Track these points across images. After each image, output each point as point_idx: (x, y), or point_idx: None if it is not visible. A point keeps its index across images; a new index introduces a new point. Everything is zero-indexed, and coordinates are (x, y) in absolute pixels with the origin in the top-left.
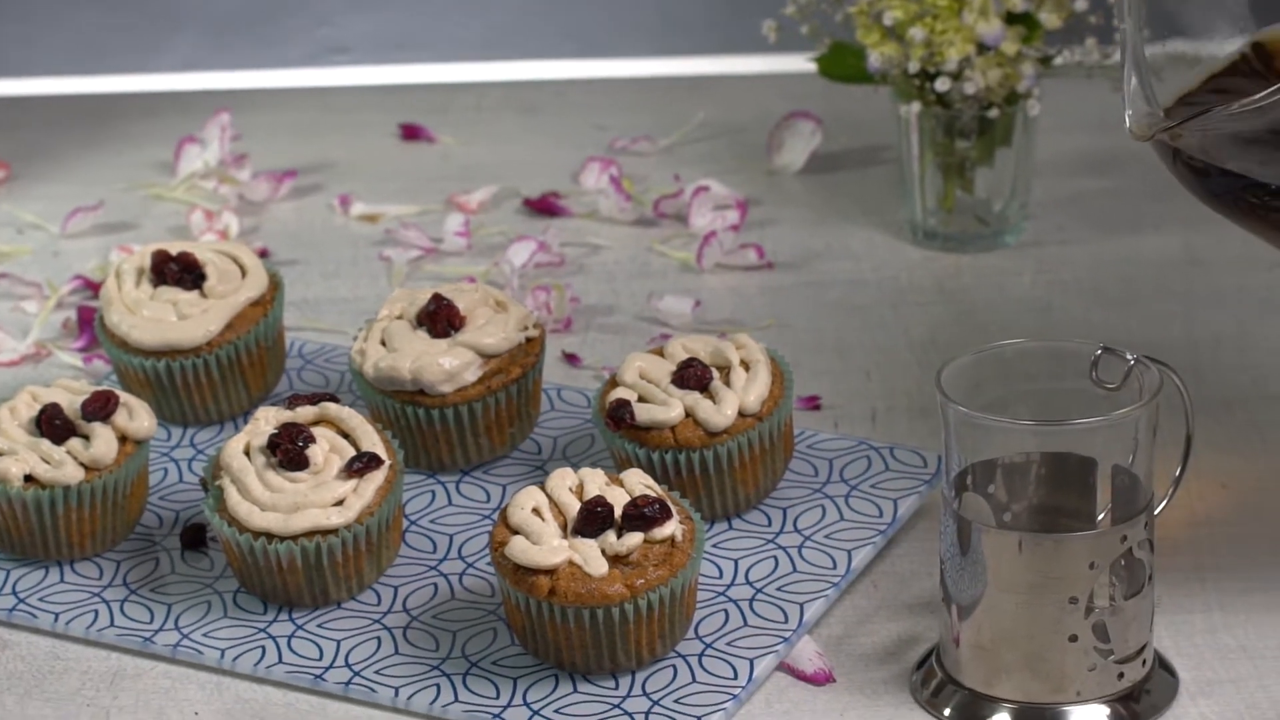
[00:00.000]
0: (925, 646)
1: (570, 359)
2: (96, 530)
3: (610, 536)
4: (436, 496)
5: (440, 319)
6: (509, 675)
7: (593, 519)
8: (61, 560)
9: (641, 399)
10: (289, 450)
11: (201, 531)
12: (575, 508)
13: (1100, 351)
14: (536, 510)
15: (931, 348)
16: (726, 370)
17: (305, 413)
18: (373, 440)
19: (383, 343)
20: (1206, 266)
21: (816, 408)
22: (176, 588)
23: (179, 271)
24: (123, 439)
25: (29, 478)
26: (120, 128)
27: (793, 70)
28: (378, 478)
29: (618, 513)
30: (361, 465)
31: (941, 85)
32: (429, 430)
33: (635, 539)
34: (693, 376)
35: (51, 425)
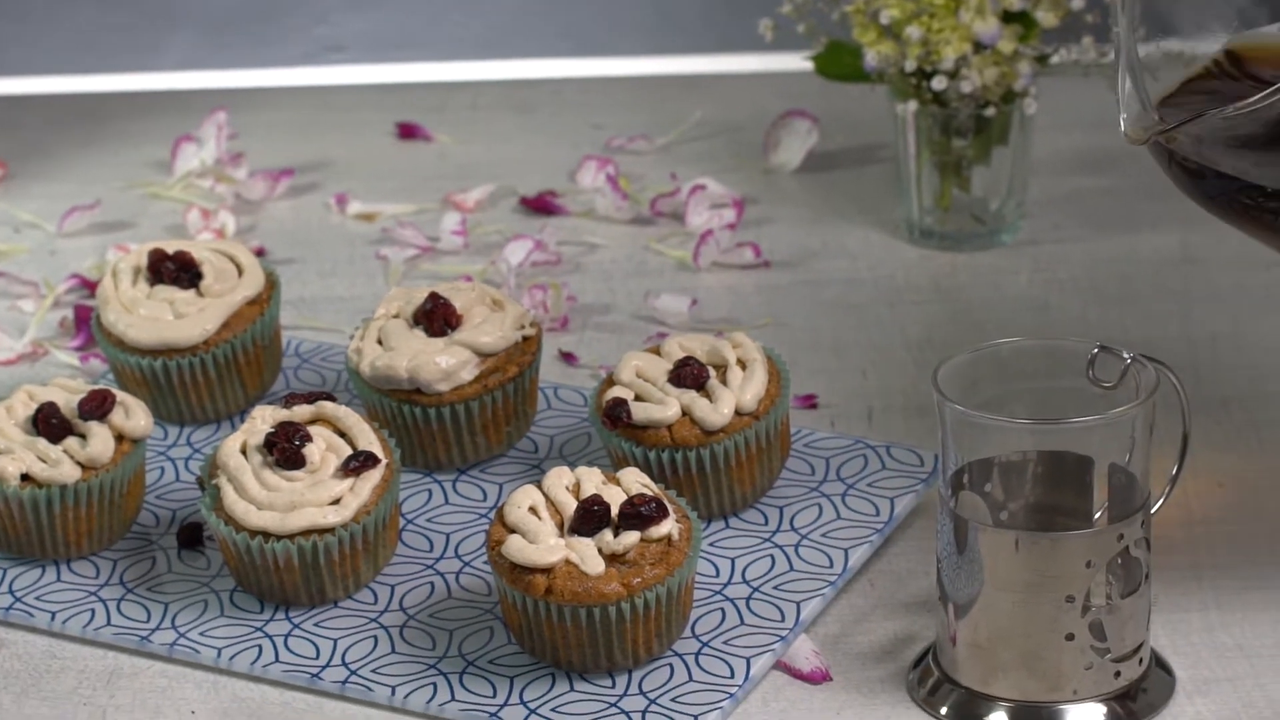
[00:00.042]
0: (922, 645)
1: (567, 358)
2: (93, 529)
3: (607, 535)
4: (433, 495)
5: (437, 318)
6: (506, 674)
7: (589, 518)
8: (58, 559)
9: (638, 398)
10: (286, 449)
11: (198, 530)
12: (572, 506)
13: (1097, 350)
14: (533, 509)
15: (928, 346)
16: (723, 369)
17: (302, 411)
18: (369, 439)
19: (379, 341)
20: (1203, 265)
21: (813, 406)
22: (173, 587)
23: (176, 270)
24: (119, 438)
25: (26, 476)
26: (117, 126)
27: (789, 69)
28: (374, 476)
29: (614, 511)
30: (358, 464)
31: (938, 84)
32: (425, 429)
33: (632, 538)
34: (689, 375)
35: (48, 424)
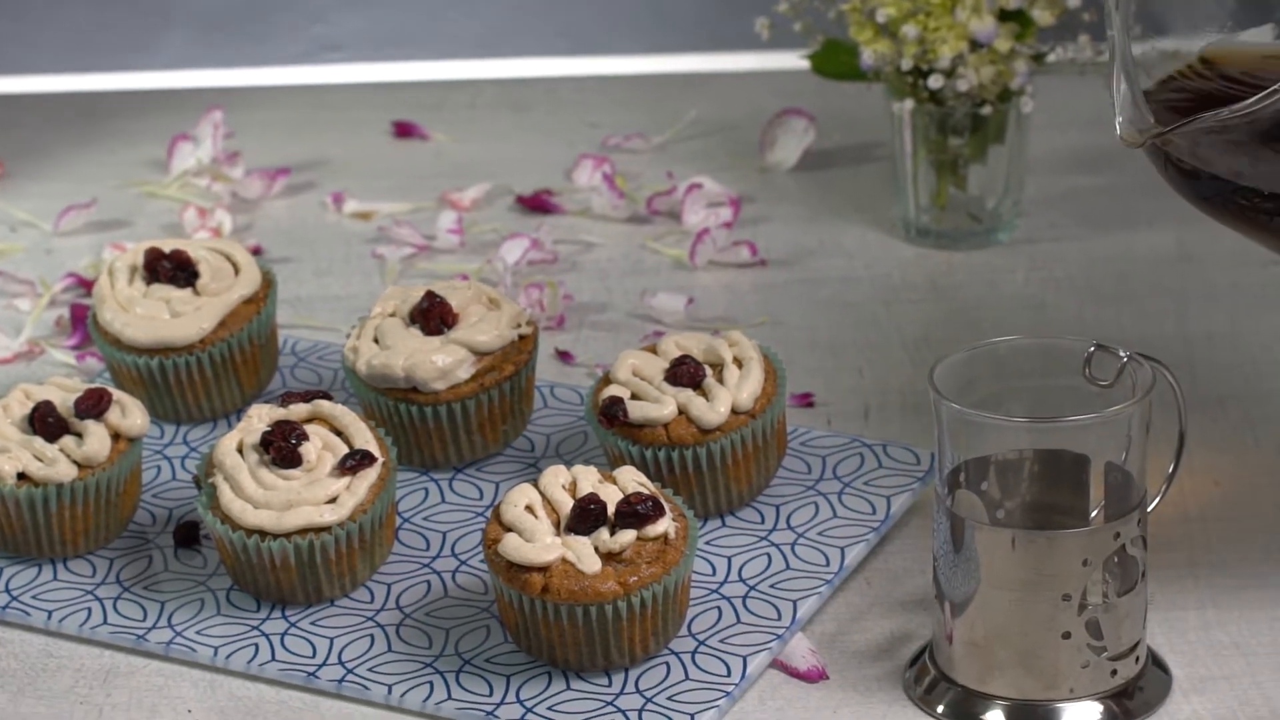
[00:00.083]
0: (918, 644)
1: (563, 356)
2: (89, 528)
3: (603, 534)
4: (429, 494)
5: (433, 316)
6: (502, 673)
7: (586, 516)
8: (54, 558)
9: (634, 396)
10: (282, 448)
11: (194, 529)
12: (568, 505)
13: (1093, 348)
14: (529, 508)
15: (924, 345)
16: (719, 367)
17: (298, 410)
18: (366, 438)
19: (376, 340)
20: (1200, 263)
21: (809, 405)
22: (169, 585)
23: (172, 269)
24: (116, 437)
25: (22, 475)
26: (113, 125)
27: (786, 67)
28: (371, 475)
29: (611, 510)
30: (354, 463)
31: (934, 82)
32: (422, 427)
33: (628, 536)
34: (686, 374)
35: (44, 423)
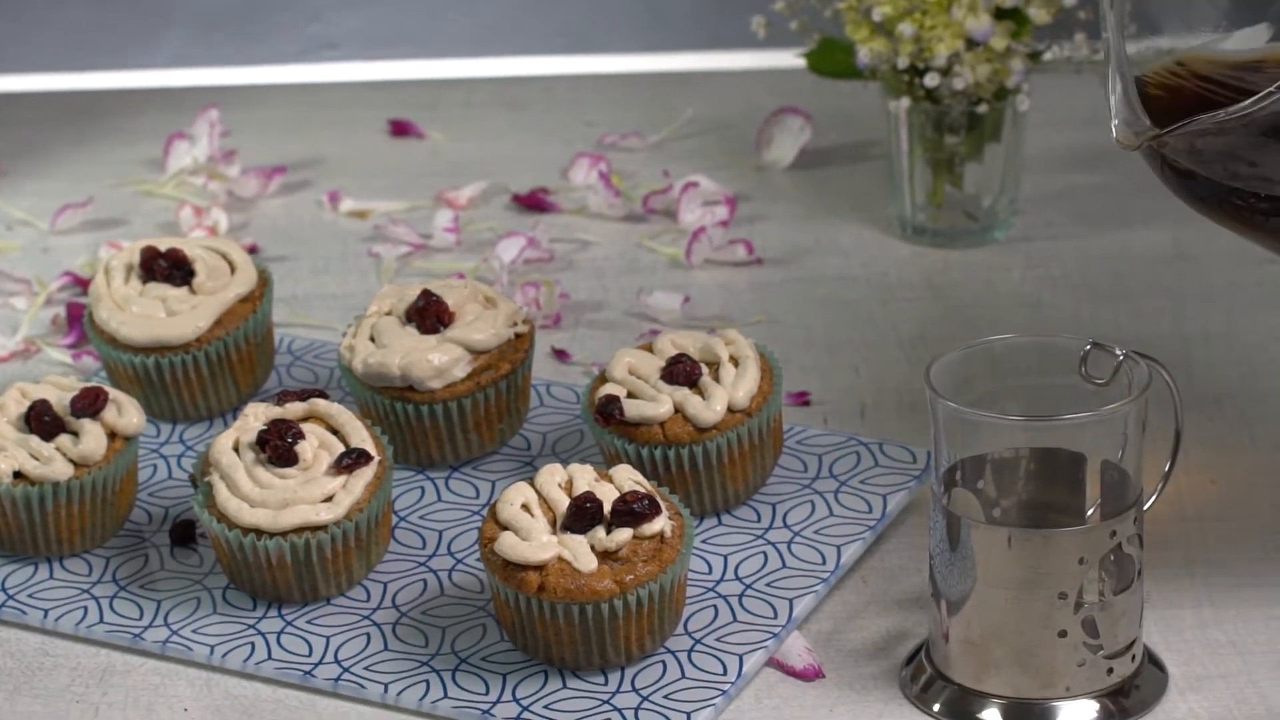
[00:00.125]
0: (914, 642)
1: (559, 355)
2: (86, 527)
3: (599, 532)
4: (426, 492)
5: (429, 315)
6: (498, 671)
7: (582, 515)
8: (51, 557)
9: (631, 395)
10: (278, 446)
11: (191, 528)
12: (564, 504)
13: (1089, 347)
14: (526, 506)
15: (920, 343)
16: (715, 366)
17: (294, 409)
18: (362, 436)
19: (372, 339)
20: (1196, 262)
21: (806, 403)
22: (166, 584)
23: (168, 268)
24: (112, 435)
25: (18, 474)
26: (109, 124)
27: (782, 66)
28: (367, 474)
29: (607, 508)
30: (351, 461)
31: (931, 81)
32: (418, 426)
33: (624, 535)
34: (682, 372)
35: (41, 421)
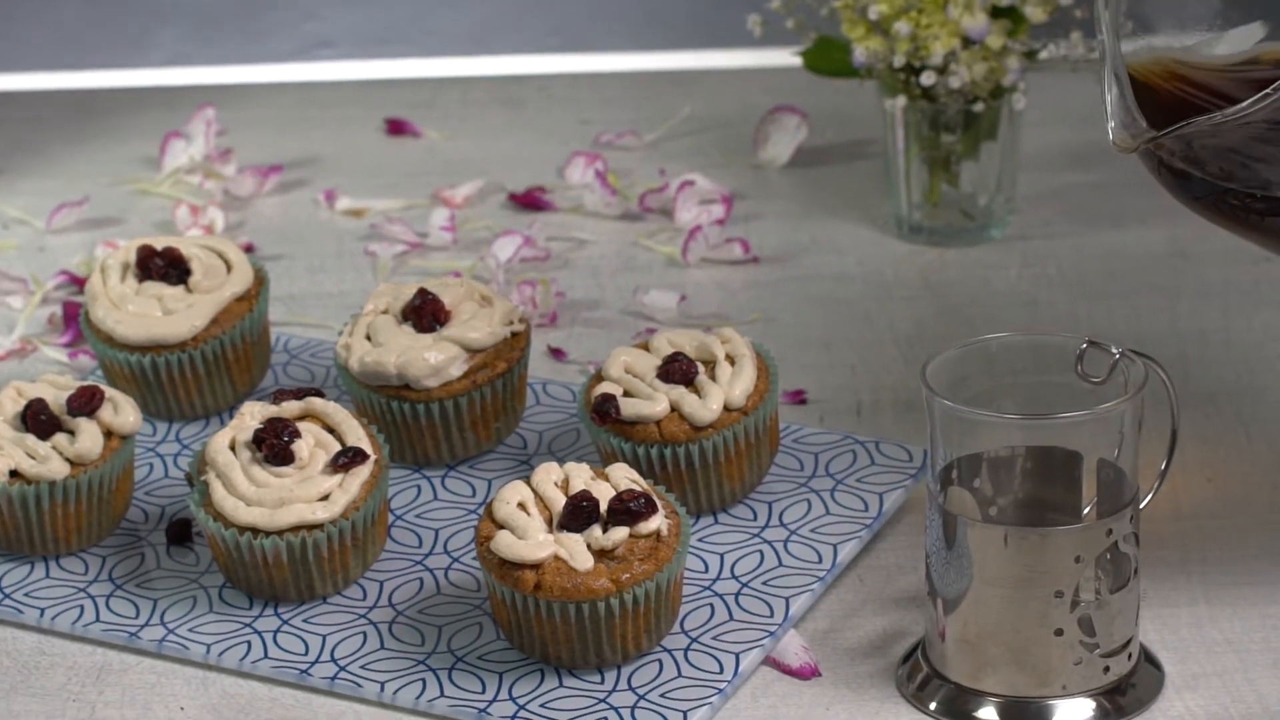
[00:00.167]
0: (911, 640)
1: (556, 353)
2: (82, 525)
3: (596, 531)
4: (422, 491)
5: (425, 314)
6: (495, 670)
7: (578, 514)
8: (47, 555)
9: (627, 393)
10: (274, 445)
11: (187, 527)
12: (561, 502)
13: (1085, 345)
14: (522, 505)
15: (917, 342)
16: (712, 365)
17: (290, 408)
18: (358, 435)
19: (368, 337)
20: (1192, 260)
21: (802, 402)
22: (162, 583)
23: (164, 267)
24: (108, 434)
25: (14, 473)
26: (105, 123)
27: (778, 64)
28: (363, 473)
29: (603, 507)
30: (347, 460)
31: (927, 79)
32: (414, 425)
33: (621, 533)
34: (678, 371)
35: (37, 420)
